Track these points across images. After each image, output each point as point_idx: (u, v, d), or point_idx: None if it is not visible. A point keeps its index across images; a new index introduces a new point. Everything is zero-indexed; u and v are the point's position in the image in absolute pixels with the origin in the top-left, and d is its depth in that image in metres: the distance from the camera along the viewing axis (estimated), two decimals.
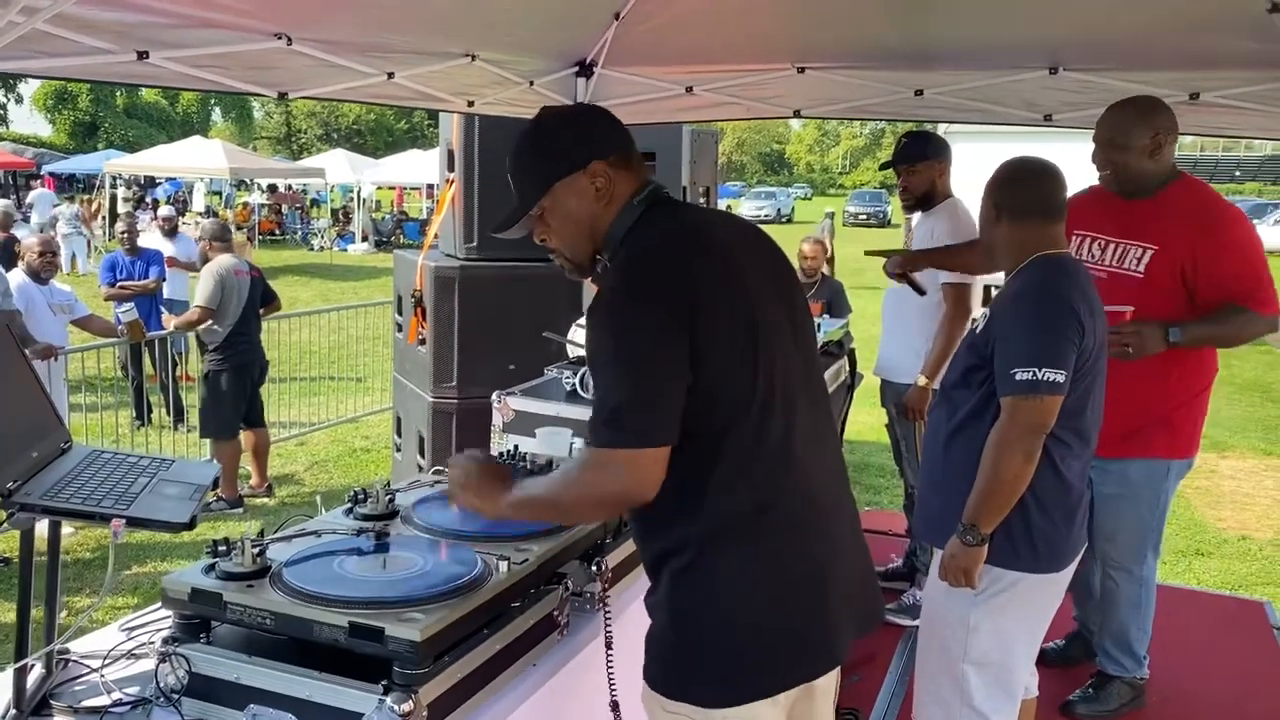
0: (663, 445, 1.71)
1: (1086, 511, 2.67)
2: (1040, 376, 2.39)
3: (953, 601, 2.61)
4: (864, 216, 43.14)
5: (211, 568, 1.84)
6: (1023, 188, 2.62)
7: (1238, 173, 48.53)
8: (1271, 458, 8.84)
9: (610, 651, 2.11)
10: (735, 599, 1.78)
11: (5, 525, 1.57)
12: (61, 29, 2.62)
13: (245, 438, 7.07)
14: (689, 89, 4.83)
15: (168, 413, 8.65)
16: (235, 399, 6.88)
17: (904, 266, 4.12)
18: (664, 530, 1.81)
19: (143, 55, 2.88)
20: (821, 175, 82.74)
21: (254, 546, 1.86)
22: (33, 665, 1.76)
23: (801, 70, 4.65)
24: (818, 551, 1.84)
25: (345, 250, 26.40)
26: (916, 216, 4.54)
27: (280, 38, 3.25)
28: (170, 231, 10.63)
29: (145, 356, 8.65)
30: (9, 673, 1.72)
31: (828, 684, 1.98)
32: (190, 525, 1.75)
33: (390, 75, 3.78)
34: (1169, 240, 3.26)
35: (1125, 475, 3.37)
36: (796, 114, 4.84)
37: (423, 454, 5.20)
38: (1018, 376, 2.42)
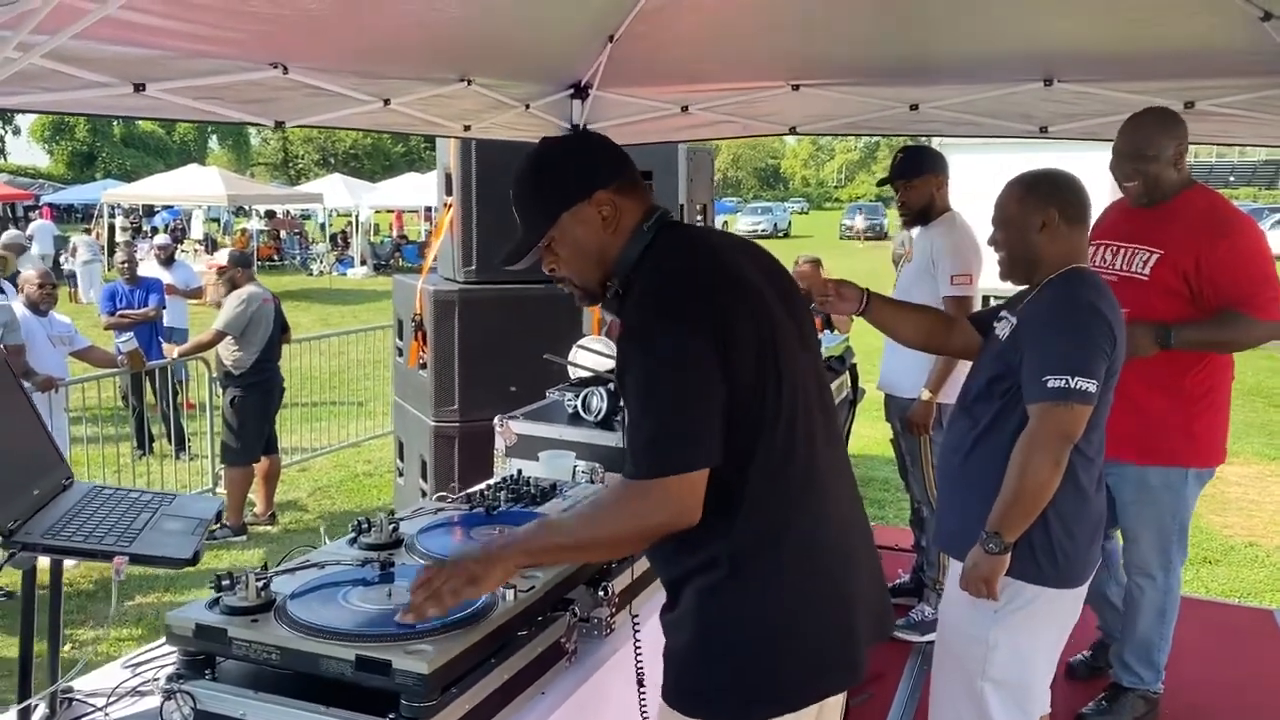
0: (705, 469, 1.70)
1: (1104, 525, 2.66)
2: (1073, 385, 2.37)
3: (972, 618, 2.58)
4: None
5: (215, 602, 1.82)
6: (1076, 196, 2.60)
7: (1232, 178, 48.74)
8: (1276, 463, 8.81)
9: (640, 668, 2.09)
10: (761, 616, 1.78)
11: (4, 564, 1.56)
12: (58, 63, 2.63)
13: (259, 463, 7.10)
14: (685, 108, 4.84)
15: (169, 442, 8.64)
16: (259, 425, 6.99)
17: None
18: (690, 550, 1.80)
19: (139, 88, 2.89)
20: (817, 189, 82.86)
21: (258, 580, 1.84)
22: (36, 705, 1.74)
23: (796, 87, 4.66)
24: (839, 567, 1.85)
25: (344, 274, 26.44)
26: (916, 230, 4.54)
27: (276, 67, 3.26)
28: (166, 260, 10.60)
29: (146, 385, 8.64)
30: (12, 714, 1.70)
31: (837, 699, 1.97)
32: (193, 561, 1.73)
33: (386, 102, 3.79)
34: (1174, 244, 3.29)
35: (1144, 481, 3.38)
36: (793, 131, 4.86)
37: (425, 478, 5.19)
38: (1050, 383, 2.39)
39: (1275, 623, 4.46)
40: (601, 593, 2.23)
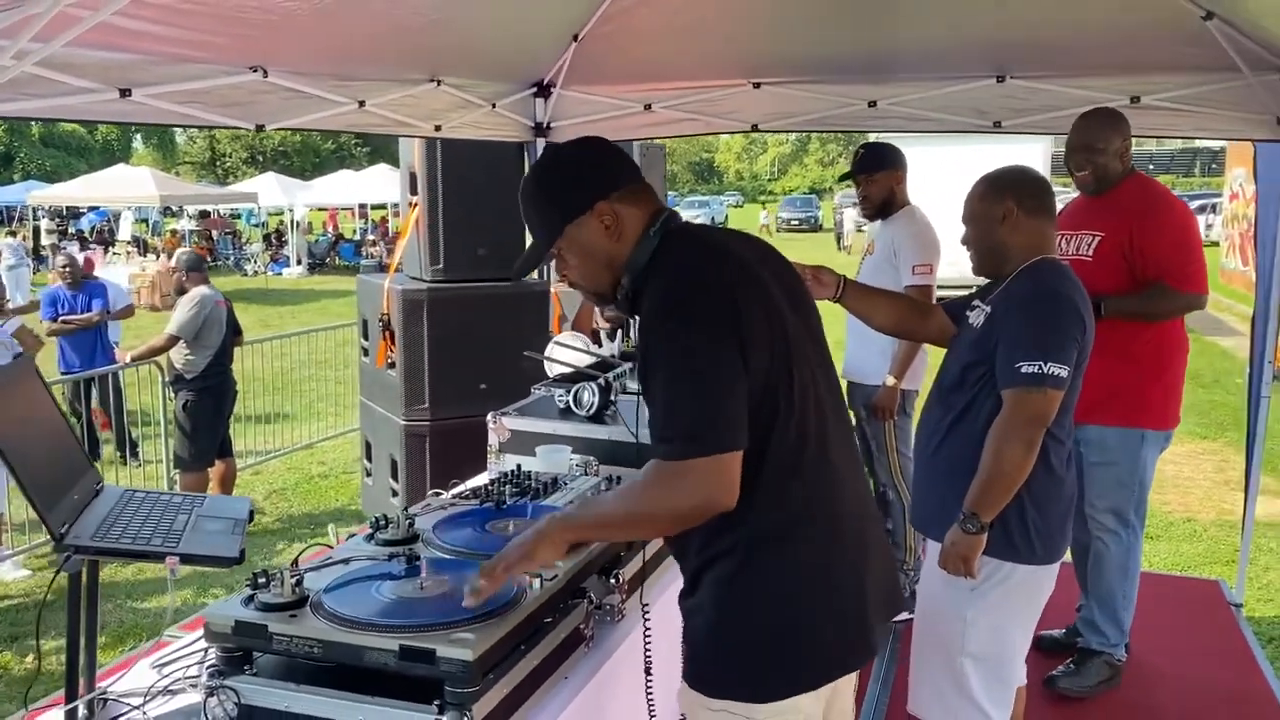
0: (739, 449, 1.76)
1: (1075, 503, 2.79)
2: (1046, 370, 2.48)
3: (950, 596, 2.68)
4: (796, 222, 43.86)
5: (250, 599, 1.86)
6: (1034, 187, 2.72)
7: (1151, 166, 50.20)
8: (1207, 440, 9.16)
9: (648, 644, 2.17)
10: (782, 599, 1.86)
11: (60, 570, 1.59)
12: (48, 70, 2.63)
13: (215, 468, 7.03)
14: (648, 106, 4.93)
15: (116, 448, 8.50)
16: (213, 429, 6.92)
17: None
18: (713, 536, 1.86)
19: (125, 93, 2.89)
20: (751, 182, 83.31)
21: (292, 576, 1.89)
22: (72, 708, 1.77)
23: (757, 85, 4.78)
24: (854, 550, 1.94)
25: (280, 274, 26.08)
26: (877, 224, 4.69)
27: (257, 70, 3.28)
28: (73, 284, 9.44)
29: (95, 392, 8.47)
30: (59, 715, 1.73)
31: (849, 676, 2.07)
32: (240, 559, 1.77)
33: (361, 103, 3.83)
34: (1114, 226, 3.61)
35: (1104, 442, 3.63)
36: (754, 128, 4.96)
37: (396, 478, 5.21)
38: (1023, 369, 2.49)
39: (1222, 593, 4.68)
40: (613, 580, 2.31)
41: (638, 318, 1.93)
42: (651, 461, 1.81)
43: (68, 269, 8.85)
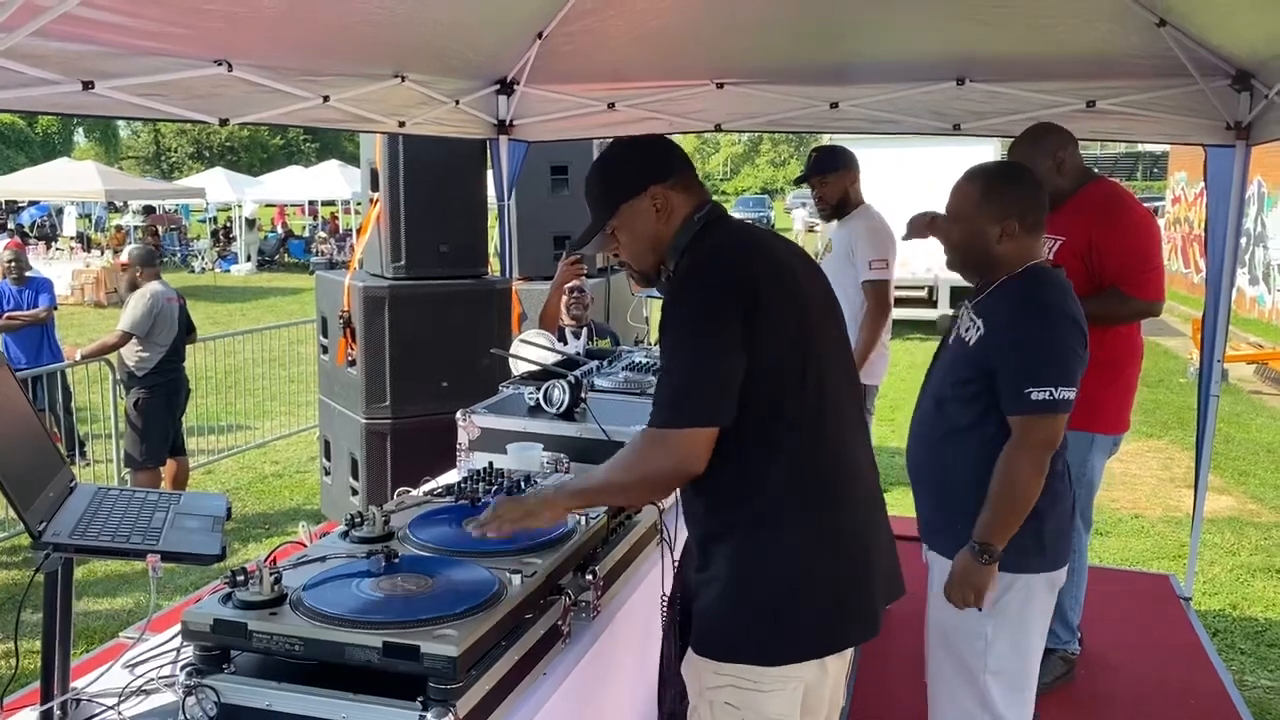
0: (714, 425, 1.91)
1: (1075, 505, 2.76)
2: (1057, 396, 2.40)
3: (966, 613, 2.56)
4: (749, 221, 44.03)
5: (228, 598, 1.84)
6: (1036, 200, 2.60)
7: (1095, 169, 51.13)
8: (1152, 439, 9.36)
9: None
10: (792, 572, 1.96)
11: (39, 569, 1.56)
12: (11, 61, 2.58)
13: (166, 467, 6.91)
14: (611, 105, 4.94)
15: (65, 448, 8.31)
16: (165, 427, 6.79)
17: None
18: (726, 508, 1.99)
19: (88, 85, 2.85)
20: (704, 182, 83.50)
21: (270, 574, 1.87)
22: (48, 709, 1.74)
23: (721, 85, 4.81)
24: (861, 530, 2.04)
25: (228, 271, 25.70)
26: (832, 225, 4.75)
27: (221, 64, 3.24)
28: (18, 280, 8.51)
29: (43, 391, 8.27)
30: (35, 715, 1.70)
31: (848, 651, 2.15)
32: (223, 556, 1.76)
33: (326, 98, 3.80)
34: (1073, 231, 3.63)
35: None
36: (718, 128, 5.00)
37: (356, 476, 5.16)
38: (1033, 396, 2.40)
39: (1172, 586, 4.80)
40: (589, 577, 2.31)
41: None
42: (640, 428, 1.97)
43: (13, 264, 8.62)
